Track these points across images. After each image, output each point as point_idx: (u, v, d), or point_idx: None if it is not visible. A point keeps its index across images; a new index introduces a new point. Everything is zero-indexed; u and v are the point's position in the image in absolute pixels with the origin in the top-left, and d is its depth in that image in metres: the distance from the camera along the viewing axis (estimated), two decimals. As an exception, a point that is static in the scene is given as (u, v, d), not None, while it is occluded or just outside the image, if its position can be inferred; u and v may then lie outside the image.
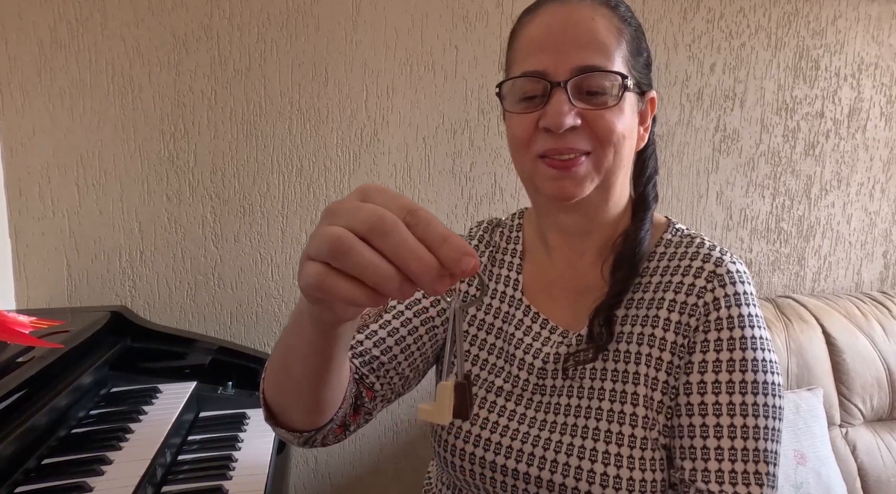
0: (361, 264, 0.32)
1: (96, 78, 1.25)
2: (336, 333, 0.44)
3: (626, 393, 0.63)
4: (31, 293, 1.28)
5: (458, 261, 0.32)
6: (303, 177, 1.38)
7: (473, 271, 0.33)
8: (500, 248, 0.76)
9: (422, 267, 0.32)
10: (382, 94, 1.38)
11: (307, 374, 0.49)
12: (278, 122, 1.34)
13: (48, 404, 0.82)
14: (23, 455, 0.77)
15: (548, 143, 0.61)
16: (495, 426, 0.67)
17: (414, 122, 1.41)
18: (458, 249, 0.33)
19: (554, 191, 0.62)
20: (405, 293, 0.33)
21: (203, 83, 1.30)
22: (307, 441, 0.59)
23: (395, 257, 0.32)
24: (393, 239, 0.32)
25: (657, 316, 0.63)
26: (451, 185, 1.45)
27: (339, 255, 0.32)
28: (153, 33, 1.26)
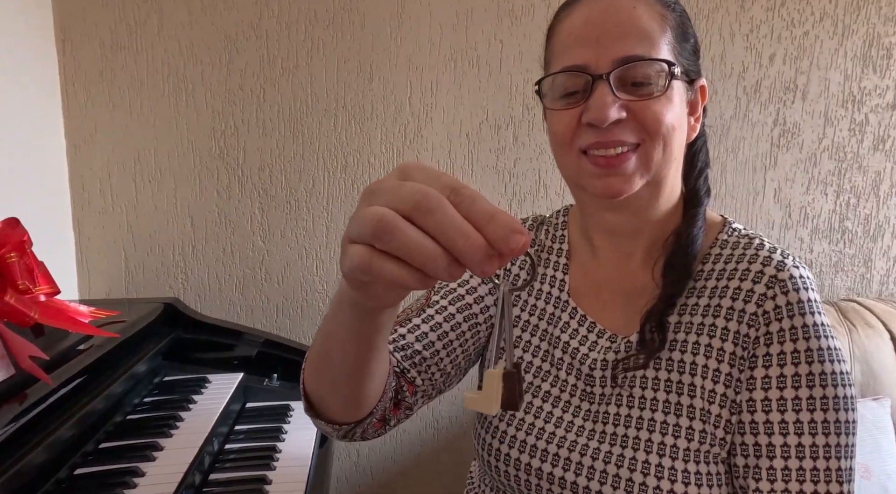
0: (407, 243, 0.31)
1: (152, 77, 1.29)
2: (377, 321, 0.43)
3: (681, 405, 0.60)
4: (91, 284, 1.34)
5: (506, 239, 0.31)
6: (347, 173, 1.39)
7: (523, 249, 0.32)
8: (545, 247, 0.74)
9: (469, 246, 0.31)
10: (426, 90, 1.38)
11: (347, 364, 0.49)
12: (324, 119, 1.36)
13: (105, 390, 0.86)
14: (82, 438, 0.80)
15: (592, 137, 0.59)
16: (541, 432, 0.65)
17: (457, 118, 1.40)
18: (506, 226, 0.31)
19: (600, 189, 0.60)
20: (453, 274, 0.32)
21: (252, 81, 1.33)
22: (346, 435, 0.59)
23: (441, 235, 0.31)
24: (438, 216, 0.31)
25: (713, 324, 0.60)
26: (495, 182, 1.44)
27: (384, 235, 0.31)
28: (206, 33, 1.29)
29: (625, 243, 0.67)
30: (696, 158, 0.66)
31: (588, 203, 0.67)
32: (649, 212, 0.64)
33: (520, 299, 0.71)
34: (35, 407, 0.70)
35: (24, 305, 0.71)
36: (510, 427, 0.67)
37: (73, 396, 0.78)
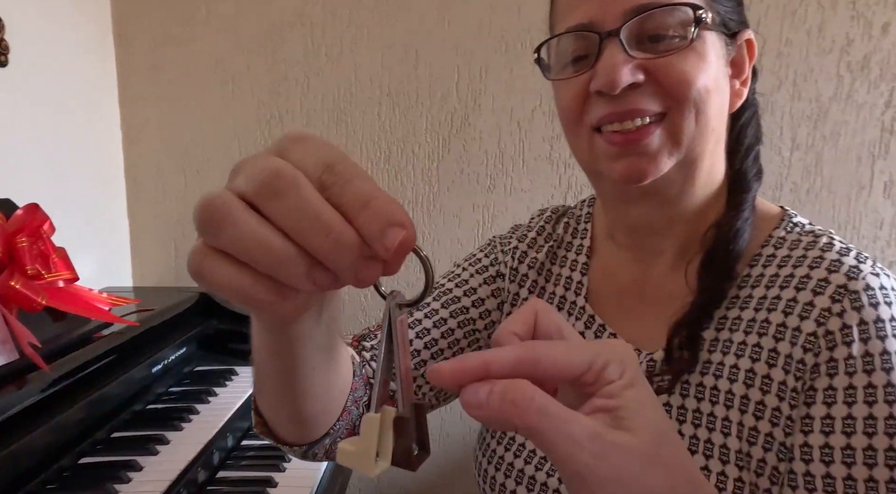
0: (241, 238, 0.23)
1: (200, 69, 1.30)
2: (289, 334, 0.35)
3: (711, 444, 0.48)
4: (144, 272, 1.38)
5: (379, 235, 0.23)
6: (391, 164, 1.33)
7: (403, 249, 0.23)
8: (563, 243, 0.63)
9: (330, 243, 0.23)
10: (475, 76, 1.29)
11: (273, 383, 0.41)
12: (367, 108, 1.31)
13: (121, 377, 0.85)
14: (93, 426, 0.80)
15: (604, 109, 0.47)
16: (542, 463, 0.55)
17: (508, 105, 1.30)
18: (380, 216, 0.23)
19: (619, 172, 0.48)
20: (319, 282, 0.24)
21: (297, 71, 1.30)
22: (305, 455, 0.52)
23: (293, 229, 0.23)
24: (288, 202, 0.23)
25: (758, 345, 0.47)
26: (548, 173, 1.32)
27: (210, 226, 0.24)
28: (251, 23, 1.28)
29: (652, 240, 0.55)
30: (744, 133, 0.53)
31: (608, 192, 0.55)
32: (682, 200, 0.52)
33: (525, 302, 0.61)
34: (39, 393, 0.69)
35: (31, 290, 0.71)
36: (508, 452, 0.57)
37: (85, 382, 0.78)
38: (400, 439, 0.26)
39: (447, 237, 1.36)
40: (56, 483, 0.70)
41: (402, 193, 1.34)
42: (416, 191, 1.34)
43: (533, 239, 0.64)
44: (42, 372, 0.69)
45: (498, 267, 0.63)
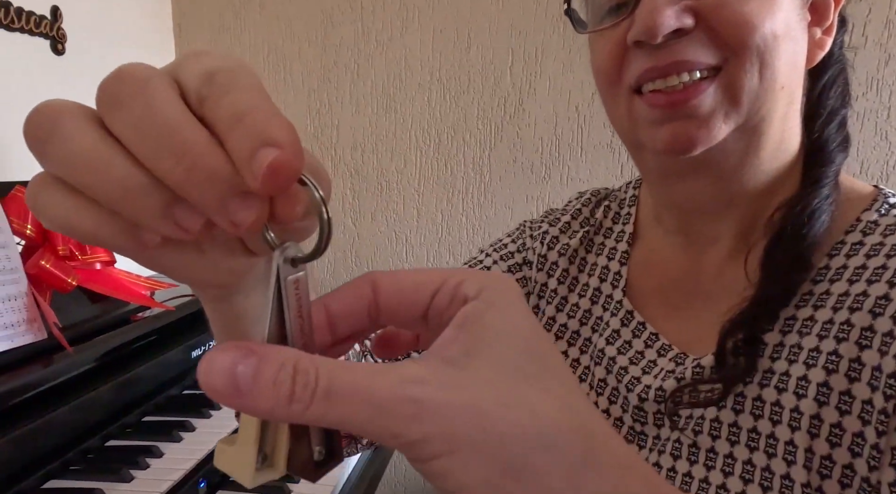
0: (70, 158, 0.18)
1: (254, 57, 1.30)
2: (234, 309, 0.28)
3: (770, 473, 0.38)
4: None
5: (247, 158, 0.17)
6: (440, 152, 1.28)
7: (276, 178, 0.17)
8: (601, 228, 0.55)
9: (183, 168, 0.17)
10: (530, 58, 1.21)
11: None
12: (417, 94, 1.26)
13: (156, 360, 0.85)
14: (125, 408, 0.80)
15: (644, 63, 0.39)
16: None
17: (566, 89, 1.21)
18: (251, 134, 0.17)
19: (663, 141, 0.40)
20: (183, 222, 0.18)
21: (347, 57, 1.28)
22: None
23: (138, 149, 0.18)
24: (132, 112, 0.17)
25: (836, 352, 0.37)
26: (609, 162, 1.22)
27: (35, 143, 0.18)
28: (303, 9, 1.27)
29: (705, 224, 0.46)
30: (826, 93, 0.43)
31: (651, 167, 0.46)
32: (743, 175, 0.42)
33: (554, 294, 0.53)
34: (64, 373, 0.69)
35: (62, 270, 0.71)
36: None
37: (116, 364, 0.78)
38: (298, 440, 0.20)
39: (498, 229, 1.29)
40: (80, 464, 0.70)
41: (452, 183, 1.28)
42: (466, 181, 1.28)
43: (567, 223, 0.56)
44: (72, 351, 0.69)
45: (525, 254, 0.56)
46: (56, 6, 0.95)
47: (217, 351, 0.18)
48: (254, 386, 0.17)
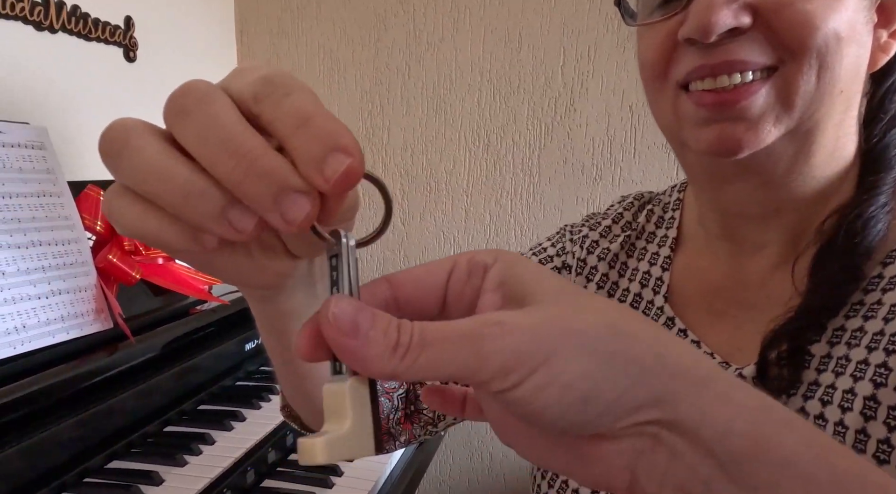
0: (138, 167, 0.20)
1: (310, 61, 1.35)
2: (279, 308, 0.31)
3: None
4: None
5: (318, 161, 0.19)
6: (489, 152, 1.28)
7: (347, 182, 0.19)
8: (643, 233, 0.53)
9: (242, 169, 0.19)
10: (582, 57, 1.19)
11: (279, 363, 0.38)
12: (467, 95, 1.27)
13: (212, 351, 0.89)
14: (183, 396, 0.85)
15: (694, 60, 0.37)
16: None
17: (619, 88, 1.18)
18: (321, 138, 0.19)
19: (707, 142, 0.38)
20: (237, 224, 0.20)
21: (399, 59, 1.29)
22: None
23: (200, 154, 0.19)
24: (194, 121, 0.19)
25: (885, 365, 0.34)
26: (664, 163, 1.18)
27: (109, 156, 0.20)
28: (358, 13, 1.30)
29: (751, 229, 0.43)
30: (889, 98, 0.40)
31: (695, 169, 0.44)
32: (793, 181, 0.40)
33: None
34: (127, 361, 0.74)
35: (126, 264, 0.76)
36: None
37: (174, 354, 0.83)
38: (375, 411, 0.21)
39: (547, 231, 1.27)
40: (140, 447, 0.75)
41: (501, 184, 1.28)
42: (515, 182, 1.27)
43: (607, 227, 0.55)
44: (134, 341, 0.74)
45: (564, 258, 0.55)
46: (129, 16, 1.02)
47: (342, 301, 0.20)
48: (369, 333, 0.19)
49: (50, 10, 0.86)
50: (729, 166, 0.40)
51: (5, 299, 0.61)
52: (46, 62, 0.89)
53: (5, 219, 0.63)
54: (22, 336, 0.61)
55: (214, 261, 0.25)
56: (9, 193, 0.64)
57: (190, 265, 0.26)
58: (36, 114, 0.88)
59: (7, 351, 0.60)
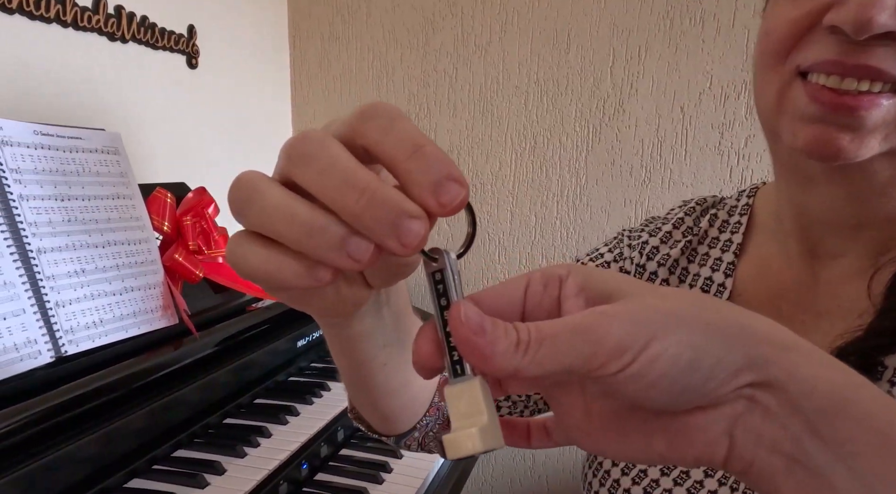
0: (266, 211, 0.22)
1: (360, 64, 1.37)
2: (350, 332, 0.33)
3: None
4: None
5: (434, 188, 0.21)
6: (536, 154, 1.28)
7: (460, 207, 0.21)
8: (705, 238, 0.52)
9: (364, 202, 0.20)
10: (632, 57, 1.18)
11: (348, 376, 0.39)
12: (514, 97, 1.27)
13: (267, 347, 0.93)
14: (240, 390, 0.88)
15: (830, 52, 0.35)
16: (653, 485, 0.47)
17: (670, 88, 1.16)
18: (435, 167, 0.21)
19: (804, 139, 0.36)
20: (355, 253, 0.21)
21: (446, 62, 1.31)
22: (398, 444, 0.50)
23: (321, 193, 0.21)
24: (315, 164, 0.21)
25: None
26: (716, 165, 1.16)
27: (238, 203, 0.23)
28: (406, 16, 1.32)
29: (831, 236, 0.42)
30: None
31: (785, 163, 0.42)
32: (884, 198, 0.38)
33: None
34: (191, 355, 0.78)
35: (191, 263, 0.80)
36: (625, 477, 0.50)
37: (233, 349, 0.86)
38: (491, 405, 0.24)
39: (593, 233, 1.27)
40: (203, 437, 0.78)
41: (547, 185, 1.28)
42: (561, 183, 1.26)
43: (667, 233, 0.54)
44: (198, 336, 0.77)
45: (622, 264, 0.55)
46: (192, 24, 1.06)
47: (469, 306, 0.22)
48: (495, 331, 0.22)
49: (122, 21, 0.91)
50: (820, 169, 0.39)
51: (85, 295, 0.65)
52: (118, 71, 0.94)
53: (85, 220, 0.67)
54: (100, 329, 0.65)
55: (310, 297, 0.28)
56: (88, 196, 0.68)
57: (287, 301, 0.28)
58: (108, 120, 0.93)
59: (87, 344, 0.64)
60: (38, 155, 0.64)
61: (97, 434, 0.64)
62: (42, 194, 0.63)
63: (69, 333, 0.62)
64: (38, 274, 0.60)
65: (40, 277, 0.60)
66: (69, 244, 0.64)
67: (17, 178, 0.61)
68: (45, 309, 0.60)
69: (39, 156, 0.64)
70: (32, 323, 0.58)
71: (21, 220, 0.60)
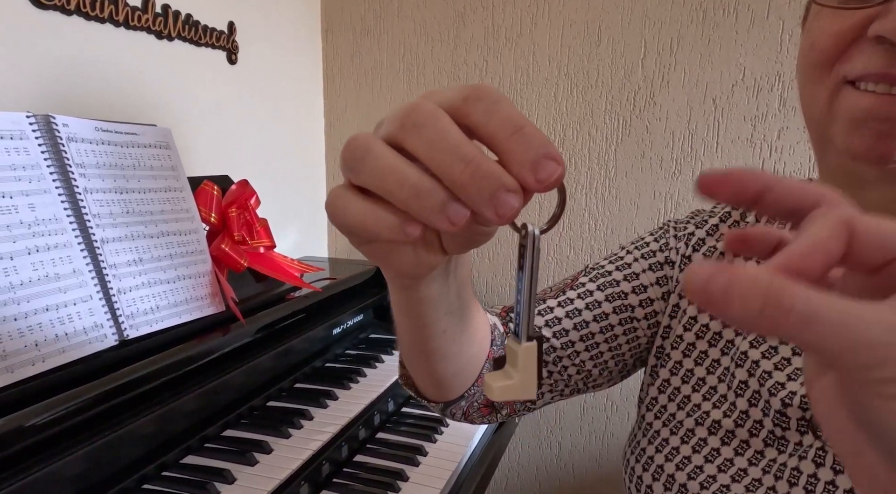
0: (379, 170, 0.24)
1: (391, 58, 1.39)
2: (418, 296, 0.36)
3: None
4: (338, 245, 1.54)
5: (533, 166, 0.23)
6: (565, 147, 1.29)
7: (555, 184, 0.24)
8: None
9: (469, 173, 0.23)
10: (664, 49, 1.18)
11: (406, 339, 0.43)
12: (544, 90, 1.28)
13: (306, 334, 0.96)
14: (281, 374, 0.92)
15: (873, 62, 0.36)
16: (696, 472, 0.49)
17: (702, 80, 1.16)
18: (535, 146, 0.23)
19: (855, 145, 0.37)
20: (453, 218, 0.24)
21: (476, 54, 1.32)
22: (444, 412, 0.53)
23: (430, 160, 0.24)
24: (425, 133, 0.24)
25: None
26: (749, 157, 1.16)
27: (354, 162, 0.25)
28: (437, 10, 1.33)
29: None
30: None
31: (835, 169, 0.43)
32: None
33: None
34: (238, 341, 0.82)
35: (236, 253, 0.83)
36: (659, 454, 0.52)
37: (275, 336, 0.90)
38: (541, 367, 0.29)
39: (622, 225, 1.27)
40: (248, 418, 0.82)
41: (576, 178, 1.29)
42: (590, 176, 1.27)
43: (714, 226, 0.55)
44: (240, 323, 0.81)
45: (667, 254, 0.57)
46: (231, 21, 1.09)
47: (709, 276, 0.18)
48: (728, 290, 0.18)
49: (168, 20, 0.94)
50: (872, 173, 0.40)
51: (143, 283, 0.69)
52: (164, 68, 0.97)
53: (141, 212, 0.71)
54: (157, 315, 0.69)
55: (392, 253, 0.30)
56: (143, 189, 0.72)
57: (368, 255, 0.31)
58: (156, 116, 0.97)
59: (146, 329, 0.68)
60: (99, 150, 0.68)
61: (155, 414, 0.68)
62: (103, 187, 0.67)
63: (130, 318, 0.65)
64: (102, 263, 0.64)
65: (104, 266, 0.64)
66: (128, 234, 0.68)
67: (81, 173, 0.64)
68: (109, 296, 0.64)
69: (100, 151, 0.68)
70: (98, 308, 0.62)
71: (86, 212, 0.64)
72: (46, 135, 0.62)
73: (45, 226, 0.59)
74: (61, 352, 0.57)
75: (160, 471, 0.68)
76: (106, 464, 0.63)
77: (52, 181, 0.61)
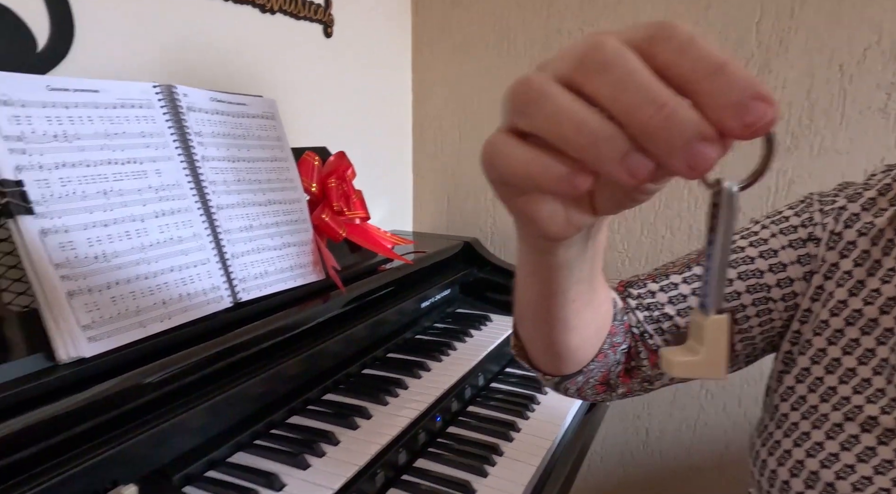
0: (557, 115, 0.22)
1: (481, 29, 1.36)
2: (548, 259, 0.34)
3: None
4: (421, 219, 1.55)
5: (739, 108, 0.20)
6: (665, 119, 1.21)
7: (765, 129, 0.20)
8: None
9: (662, 118, 0.20)
10: (783, 12, 1.07)
11: (531, 307, 0.41)
12: (644, 58, 1.21)
13: (396, 306, 0.97)
14: (375, 343, 0.94)
15: None
16: (847, 471, 0.44)
17: (828, 45, 1.05)
18: (740, 86, 0.20)
19: None
20: (635, 171, 0.21)
21: (570, 23, 1.26)
22: (557, 387, 0.51)
23: (616, 104, 0.21)
24: (611, 75, 0.21)
25: None
26: (879, 130, 1.04)
27: (527, 106, 0.23)
28: (531, -22, 1.28)
29: None
30: None
31: None
32: None
33: (848, 276, 0.48)
34: (337, 308, 0.83)
35: (336, 223, 0.85)
36: (798, 448, 0.48)
37: (370, 306, 0.91)
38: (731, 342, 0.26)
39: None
40: (344, 384, 0.84)
41: (676, 152, 1.21)
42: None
43: (871, 199, 0.50)
44: (339, 291, 0.83)
45: (811, 230, 0.52)
46: (328, -6, 1.10)
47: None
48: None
49: (271, -7, 0.96)
50: None
51: (253, 249, 0.71)
52: (266, 40, 1.00)
53: (251, 181, 0.73)
54: (266, 280, 0.71)
55: (541, 209, 0.27)
56: (253, 158, 0.74)
57: (515, 210, 0.28)
58: (258, 87, 0.99)
59: (256, 293, 0.70)
60: (214, 120, 0.70)
61: (262, 376, 0.70)
62: (218, 155, 0.69)
63: (242, 282, 0.68)
64: (217, 228, 0.67)
65: (219, 230, 0.67)
66: (240, 202, 0.70)
67: (199, 141, 0.67)
68: (224, 260, 0.66)
69: (215, 120, 0.70)
70: (216, 271, 0.65)
71: (204, 179, 0.66)
72: (169, 105, 0.65)
73: (170, 191, 0.62)
74: (184, 311, 0.60)
75: (269, 429, 0.71)
76: (223, 419, 0.66)
77: (174, 148, 0.64)
